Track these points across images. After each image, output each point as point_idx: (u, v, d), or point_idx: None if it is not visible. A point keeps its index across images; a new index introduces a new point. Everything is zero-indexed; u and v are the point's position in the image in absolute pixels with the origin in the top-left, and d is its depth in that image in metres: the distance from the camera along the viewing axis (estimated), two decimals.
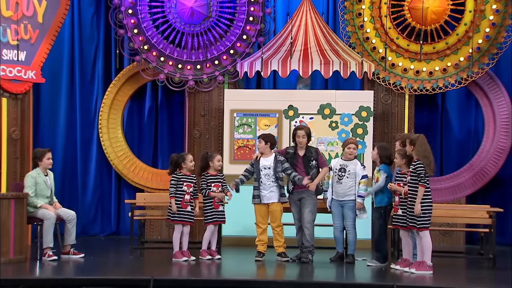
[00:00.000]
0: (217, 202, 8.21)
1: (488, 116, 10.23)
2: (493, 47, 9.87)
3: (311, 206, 8.08)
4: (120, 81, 10.40)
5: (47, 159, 8.18)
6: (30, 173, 8.19)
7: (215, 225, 8.25)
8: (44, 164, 8.16)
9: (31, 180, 8.04)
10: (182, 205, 8.06)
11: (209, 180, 8.22)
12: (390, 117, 10.06)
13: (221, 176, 8.34)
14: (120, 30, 10.08)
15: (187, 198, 8.09)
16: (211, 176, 8.26)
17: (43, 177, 8.13)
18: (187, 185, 8.09)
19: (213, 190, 8.21)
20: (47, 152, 8.21)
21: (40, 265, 7.62)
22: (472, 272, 7.81)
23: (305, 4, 10.11)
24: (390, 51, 10.03)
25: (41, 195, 8.08)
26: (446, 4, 9.87)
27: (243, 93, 10.06)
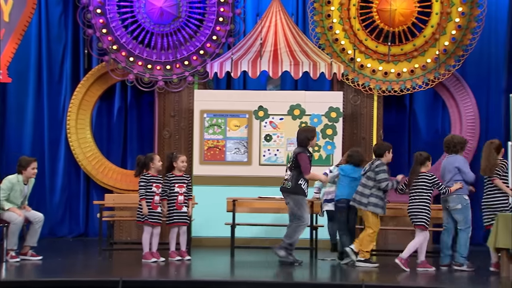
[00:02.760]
0: (180, 203, 8.18)
1: (455, 117, 10.38)
2: (459, 49, 10.02)
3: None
4: (89, 81, 10.31)
5: (32, 168, 8.07)
6: (10, 177, 8.04)
7: (178, 226, 8.21)
8: (28, 174, 8.06)
9: (7, 185, 7.92)
10: (152, 206, 8.02)
11: (172, 181, 8.20)
12: (359, 117, 10.15)
13: (187, 177, 8.30)
14: (89, 30, 9.99)
15: (156, 199, 8.05)
16: (175, 176, 8.23)
17: (21, 185, 8.02)
18: (156, 186, 8.06)
19: (176, 191, 8.18)
20: (33, 162, 8.10)
21: (6, 267, 7.51)
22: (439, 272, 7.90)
23: (275, 5, 10.14)
24: (359, 53, 10.12)
25: (12, 201, 7.96)
26: (413, 7, 9.99)
27: (213, 94, 10.05)
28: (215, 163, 9.75)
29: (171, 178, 8.20)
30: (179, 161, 8.19)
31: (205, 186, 9.38)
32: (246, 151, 9.78)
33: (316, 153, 9.71)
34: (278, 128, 9.80)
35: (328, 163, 9.65)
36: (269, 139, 9.79)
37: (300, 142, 7.97)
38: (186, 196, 8.21)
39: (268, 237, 9.43)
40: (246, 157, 9.78)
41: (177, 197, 8.16)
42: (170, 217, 8.19)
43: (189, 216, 8.28)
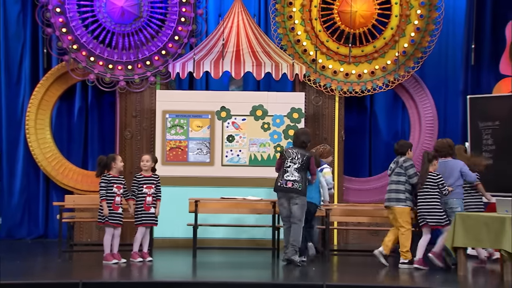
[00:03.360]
0: (148, 204, 8.14)
1: (414, 118, 10.54)
2: (418, 51, 10.18)
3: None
4: (48, 81, 10.17)
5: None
6: None
7: (146, 227, 8.17)
8: None
9: None
10: (113, 207, 7.96)
11: (140, 181, 8.16)
12: (321, 118, 10.23)
13: (156, 177, 8.24)
14: (48, 29, 9.86)
15: (117, 200, 7.99)
16: (143, 177, 8.19)
17: None
18: (117, 187, 8.00)
19: (144, 192, 8.14)
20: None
21: None
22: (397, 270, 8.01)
23: (237, 6, 10.15)
24: (321, 54, 10.20)
25: None
26: (373, 9, 10.11)
27: (175, 94, 10.01)
28: (177, 164, 9.72)
29: (140, 179, 8.16)
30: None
31: (167, 187, 9.31)
32: (208, 152, 9.77)
33: (278, 153, 9.71)
34: (240, 129, 9.81)
35: None
36: (231, 139, 9.79)
37: (301, 144, 8.04)
38: (155, 197, 8.16)
39: (230, 238, 9.43)
40: (208, 158, 9.77)
41: (145, 198, 8.11)
42: (138, 217, 8.14)
43: (156, 217, 8.21)
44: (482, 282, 7.52)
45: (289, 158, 7.97)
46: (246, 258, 8.65)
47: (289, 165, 7.94)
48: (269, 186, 9.56)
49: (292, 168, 7.93)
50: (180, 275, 7.57)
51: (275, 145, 9.76)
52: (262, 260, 8.48)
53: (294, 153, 7.99)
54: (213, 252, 8.86)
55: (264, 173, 9.70)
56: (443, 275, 7.75)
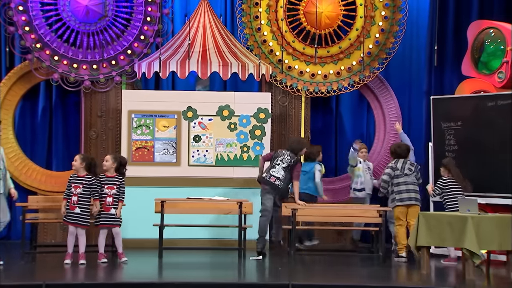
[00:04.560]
0: (108, 205, 8.07)
1: (379, 118, 10.64)
2: (382, 52, 10.28)
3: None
4: (11, 80, 10.00)
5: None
6: None
7: (107, 228, 8.10)
8: None
9: None
10: (70, 206, 7.93)
11: (102, 182, 8.13)
12: (287, 118, 10.26)
13: (119, 178, 8.18)
14: (10, 27, 9.70)
15: (74, 199, 7.93)
16: (106, 177, 8.16)
17: None
18: (74, 187, 7.95)
19: (105, 193, 8.08)
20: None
21: None
22: (363, 269, 8.09)
23: (203, 6, 10.13)
24: (287, 54, 10.24)
25: None
26: (339, 10, 10.18)
27: (141, 94, 9.94)
28: (143, 164, 9.66)
29: (102, 179, 8.10)
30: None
31: (133, 187, 9.25)
32: (175, 152, 9.74)
33: (244, 153, 9.77)
34: (207, 129, 9.79)
35: (257, 163, 9.69)
36: (198, 139, 9.77)
37: (293, 149, 8.86)
38: (116, 198, 8.10)
39: (196, 238, 9.41)
40: (175, 158, 9.74)
41: (105, 198, 8.05)
42: (98, 218, 8.08)
43: (118, 218, 8.15)
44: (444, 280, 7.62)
45: (280, 157, 8.82)
46: (212, 259, 8.65)
47: (278, 163, 8.79)
48: (235, 186, 9.62)
49: (280, 166, 8.76)
50: (146, 276, 7.53)
51: (242, 145, 9.78)
52: (229, 260, 8.48)
53: (285, 154, 8.85)
54: (179, 253, 8.83)
55: (230, 173, 9.71)
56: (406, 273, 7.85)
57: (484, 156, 8.94)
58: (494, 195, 8.80)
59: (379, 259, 8.54)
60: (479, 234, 7.20)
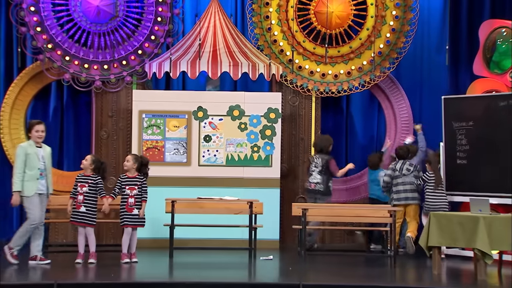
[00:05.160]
0: (130, 205, 8.09)
1: (390, 118, 10.60)
2: (393, 52, 10.25)
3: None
4: (23, 80, 10.05)
5: (36, 131, 7.80)
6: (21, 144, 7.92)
7: (132, 228, 8.11)
8: (33, 137, 7.82)
9: (19, 151, 7.73)
10: (76, 205, 7.99)
11: (123, 182, 8.15)
12: (298, 118, 10.25)
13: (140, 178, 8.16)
14: (22, 28, 9.75)
15: (80, 198, 7.98)
16: (127, 178, 8.15)
17: (35, 148, 7.78)
18: (80, 186, 8.00)
19: (127, 193, 8.09)
20: (36, 125, 7.84)
21: None
22: (373, 270, 8.06)
23: (214, 6, 10.13)
24: (297, 54, 10.23)
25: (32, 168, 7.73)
26: (349, 9, 10.16)
27: (151, 94, 9.96)
28: (154, 164, 9.63)
29: (123, 179, 8.11)
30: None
31: None
32: (185, 152, 9.74)
33: (255, 153, 9.76)
34: (217, 129, 9.79)
35: (267, 163, 9.71)
36: (208, 139, 9.77)
37: (322, 148, 9.37)
38: (138, 199, 8.09)
39: (207, 238, 9.41)
40: (185, 158, 9.74)
41: (127, 199, 8.05)
42: (121, 219, 8.10)
43: (142, 218, 8.14)
44: (456, 281, 7.58)
45: (312, 163, 9.37)
46: (223, 258, 8.63)
47: (313, 169, 9.32)
48: (246, 186, 9.61)
49: (315, 172, 9.30)
50: (157, 275, 7.53)
51: (252, 145, 9.77)
52: (239, 260, 8.48)
53: (316, 159, 9.37)
54: (190, 253, 8.83)
55: (241, 173, 9.70)
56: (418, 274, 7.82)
57: (496, 156, 8.88)
58: (506, 195, 8.74)
59: (390, 260, 8.50)
60: (491, 234, 7.16)
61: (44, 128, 7.90)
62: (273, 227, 9.58)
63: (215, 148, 9.75)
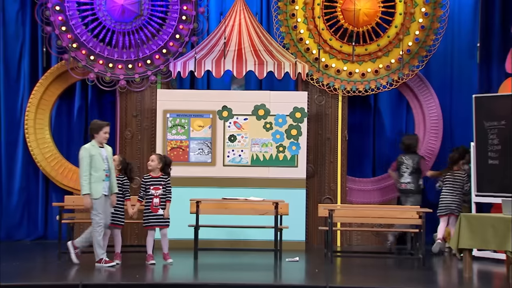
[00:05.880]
0: (155, 206, 8.02)
1: (418, 118, 10.43)
2: (422, 50, 10.07)
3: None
4: (48, 80, 10.06)
5: (104, 132, 7.78)
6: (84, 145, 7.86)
7: (157, 229, 8.06)
8: (100, 138, 7.79)
9: (84, 153, 7.67)
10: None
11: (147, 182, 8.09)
12: (324, 118, 10.13)
13: (164, 178, 8.11)
14: (47, 27, 9.76)
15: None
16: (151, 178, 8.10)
17: (98, 149, 7.75)
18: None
19: (151, 193, 8.02)
20: (105, 126, 7.83)
21: None
22: (402, 272, 7.93)
23: (239, 4, 10.05)
24: (324, 52, 10.10)
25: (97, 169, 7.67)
26: (377, 7, 10.01)
27: (176, 93, 9.91)
28: (178, 164, 9.59)
29: (147, 180, 8.05)
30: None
31: None
32: (210, 152, 9.67)
33: (280, 153, 9.66)
34: (242, 129, 9.71)
35: (293, 164, 9.61)
36: (233, 139, 9.69)
37: (409, 148, 9.63)
38: (163, 198, 8.04)
39: (231, 239, 9.35)
40: (210, 158, 9.68)
41: (152, 199, 8.00)
42: (146, 219, 8.05)
43: (167, 219, 8.09)
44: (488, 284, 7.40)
45: (402, 164, 9.60)
46: (248, 260, 8.57)
47: (404, 171, 9.59)
48: (271, 187, 9.52)
49: (406, 173, 9.58)
50: (181, 277, 7.50)
51: (278, 145, 9.67)
52: (265, 261, 8.40)
53: (406, 159, 9.62)
54: (214, 254, 8.77)
55: (266, 173, 9.62)
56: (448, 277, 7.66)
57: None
58: None
59: (419, 262, 8.33)
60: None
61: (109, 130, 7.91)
62: (299, 228, 9.50)
63: (240, 148, 9.67)
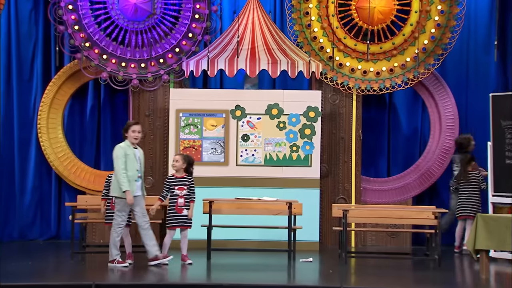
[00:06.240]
0: (180, 206, 7.98)
1: (434, 117, 10.31)
2: (438, 48, 9.95)
3: None
4: (61, 79, 10.05)
5: (132, 131, 7.71)
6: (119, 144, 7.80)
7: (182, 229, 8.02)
8: (129, 138, 7.73)
9: (119, 151, 7.61)
10: (111, 206, 7.96)
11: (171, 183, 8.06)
12: (338, 117, 10.04)
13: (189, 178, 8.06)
14: (60, 27, 9.74)
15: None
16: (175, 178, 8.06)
17: (132, 149, 7.71)
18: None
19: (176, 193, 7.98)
20: (132, 125, 7.75)
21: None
22: (417, 273, 7.84)
23: (252, 2, 9.98)
24: (338, 51, 10.01)
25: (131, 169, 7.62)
26: (392, 4, 9.90)
27: (189, 93, 9.86)
28: None
29: (171, 180, 8.01)
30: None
31: None
32: (223, 151, 9.62)
33: (294, 153, 9.59)
34: (255, 128, 9.65)
35: (307, 163, 9.53)
36: (246, 139, 9.63)
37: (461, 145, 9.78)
38: (187, 199, 8.01)
39: (245, 239, 9.28)
40: (223, 158, 9.62)
41: (176, 199, 7.97)
42: (170, 220, 8.02)
43: (190, 219, 8.06)
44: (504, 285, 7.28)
45: (454, 163, 9.81)
46: (261, 260, 8.51)
47: (454, 169, 9.76)
48: (284, 187, 9.45)
49: (456, 171, 9.70)
50: (194, 277, 7.46)
51: (291, 145, 9.59)
52: (278, 262, 8.34)
53: (456, 158, 9.80)
54: (228, 254, 8.72)
55: (280, 173, 9.54)
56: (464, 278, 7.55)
57: None
58: None
59: (434, 262, 8.22)
60: None
61: (140, 129, 7.83)
62: (312, 228, 9.43)
63: (253, 148, 9.61)
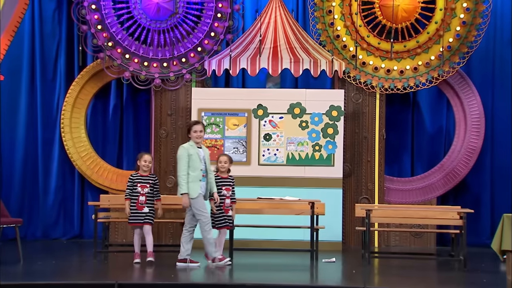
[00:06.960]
0: (227, 206, 7.96)
1: (459, 116, 10.18)
2: (464, 46, 9.82)
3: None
4: (84, 79, 10.09)
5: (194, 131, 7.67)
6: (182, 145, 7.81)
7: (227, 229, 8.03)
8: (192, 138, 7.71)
9: (182, 152, 7.61)
10: (137, 206, 7.92)
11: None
12: (361, 116, 9.96)
13: (231, 179, 8.04)
14: (83, 26, 9.78)
15: (141, 199, 7.91)
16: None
17: (196, 148, 7.70)
18: (141, 186, 7.91)
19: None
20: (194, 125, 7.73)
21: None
22: (442, 274, 7.74)
23: (274, 1, 9.94)
24: (361, 50, 9.93)
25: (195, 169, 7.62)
26: (416, 2, 9.80)
27: (211, 92, 9.84)
28: (213, 163, 9.50)
29: (217, 180, 7.95)
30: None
31: None
32: (245, 151, 9.59)
33: (316, 152, 9.53)
34: (277, 127, 9.60)
35: (329, 163, 9.47)
36: (268, 138, 9.59)
37: None
38: (233, 200, 8.01)
39: (267, 239, 9.25)
40: (245, 157, 9.59)
41: (224, 200, 7.92)
42: (219, 220, 7.94)
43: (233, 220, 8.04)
44: None
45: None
46: (284, 260, 8.47)
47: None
48: (307, 186, 9.39)
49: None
50: (216, 277, 7.41)
51: (313, 144, 9.53)
52: (301, 262, 8.29)
53: None
54: (250, 254, 8.69)
55: (302, 172, 9.49)
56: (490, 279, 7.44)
57: None
58: None
59: (459, 263, 8.11)
60: None
61: (202, 128, 7.79)
62: (335, 228, 9.37)
63: (276, 147, 9.57)
